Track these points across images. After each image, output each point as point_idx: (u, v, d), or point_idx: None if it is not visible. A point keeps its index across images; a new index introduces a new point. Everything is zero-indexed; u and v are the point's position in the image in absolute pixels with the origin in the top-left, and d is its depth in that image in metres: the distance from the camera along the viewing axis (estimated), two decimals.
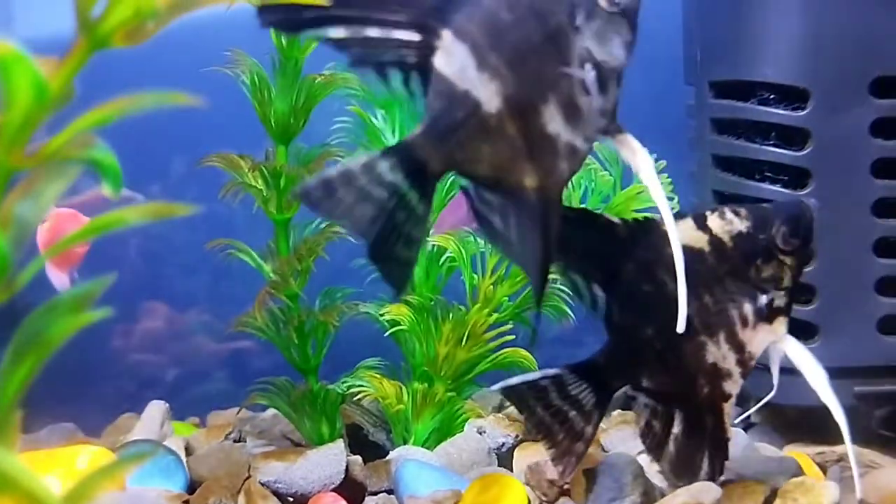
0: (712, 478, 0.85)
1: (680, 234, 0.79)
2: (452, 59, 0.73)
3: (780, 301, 0.83)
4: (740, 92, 1.04)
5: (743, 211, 0.83)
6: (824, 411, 1.03)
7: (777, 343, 0.84)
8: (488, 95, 0.72)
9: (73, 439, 1.35)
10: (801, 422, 1.06)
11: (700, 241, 0.83)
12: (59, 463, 0.87)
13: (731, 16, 1.06)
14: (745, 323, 0.83)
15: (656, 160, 1.18)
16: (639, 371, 0.85)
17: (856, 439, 1.00)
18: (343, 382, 1.16)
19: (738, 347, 0.84)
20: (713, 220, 0.84)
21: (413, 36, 0.73)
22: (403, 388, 1.15)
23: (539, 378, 0.86)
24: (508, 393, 0.87)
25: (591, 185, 1.22)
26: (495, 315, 1.14)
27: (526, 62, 0.72)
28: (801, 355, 0.84)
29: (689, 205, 1.21)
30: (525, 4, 0.73)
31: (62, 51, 0.70)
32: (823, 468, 0.97)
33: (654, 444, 0.88)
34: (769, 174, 1.01)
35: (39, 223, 0.55)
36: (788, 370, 1.02)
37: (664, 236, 0.79)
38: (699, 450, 0.86)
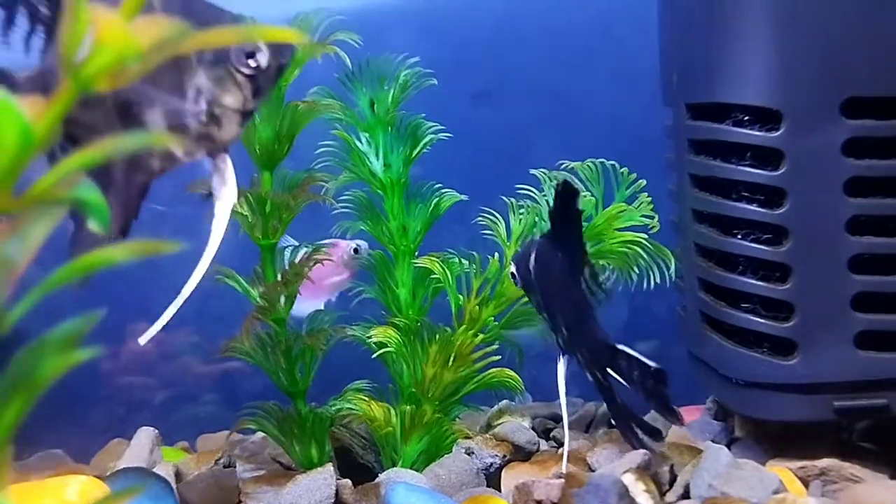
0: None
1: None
2: None
3: None
4: (716, 114, 1.06)
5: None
6: (807, 426, 1.05)
7: None
8: None
9: (62, 466, 1.35)
10: (784, 436, 1.08)
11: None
12: (49, 493, 0.87)
13: (706, 40, 1.08)
14: None
15: (636, 179, 1.22)
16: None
17: (836, 453, 1.02)
18: (332, 405, 1.17)
19: None
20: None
21: None
22: (392, 410, 1.16)
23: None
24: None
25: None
26: (481, 336, 1.15)
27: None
28: None
29: (668, 223, 1.23)
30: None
31: None
32: (806, 482, 0.98)
33: (623, 418, 0.99)
34: (746, 193, 1.03)
35: (27, 263, 0.56)
36: (769, 386, 1.05)
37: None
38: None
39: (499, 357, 1.15)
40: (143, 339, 0.85)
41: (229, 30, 0.65)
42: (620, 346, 0.94)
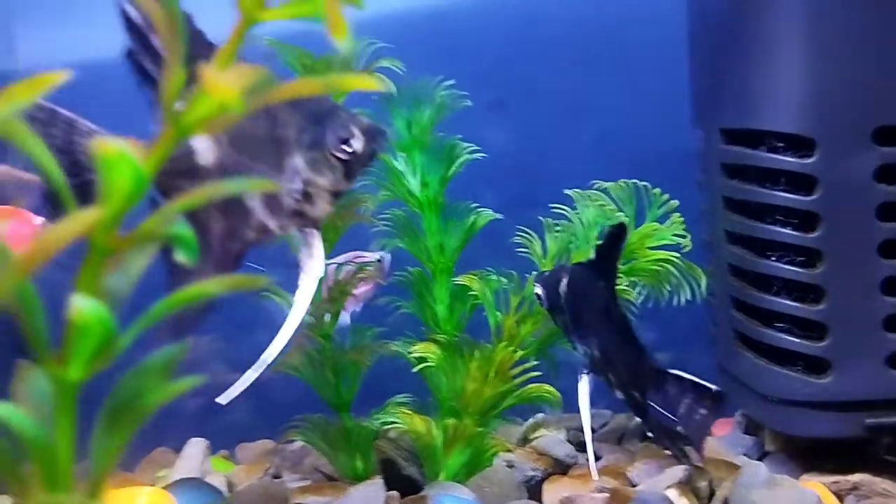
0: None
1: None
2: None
3: None
4: (751, 140, 1.10)
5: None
6: (837, 441, 1.09)
7: None
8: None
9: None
10: (814, 451, 1.11)
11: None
12: None
13: (741, 67, 1.11)
14: None
15: (669, 199, 1.26)
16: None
17: (866, 467, 1.06)
18: (376, 419, 1.21)
19: None
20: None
21: None
22: (433, 423, 1.20)
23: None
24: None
25: (607, 224, 1.27)
26: (520, 352, 1.19)
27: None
28: None
29: (700, 242, 1.26)
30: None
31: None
32: (840, 497, 1.02)
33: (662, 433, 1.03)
34: (780, 217, 1.07)
35: (129, 294, 0.60)
36: (803, 403, 1.08)
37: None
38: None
39: (539, 373, 1.18)
40: (223, 399, 0.90)
41: (314, 81, 0.69)
42: (674, 371, 0.99)
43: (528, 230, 1.26)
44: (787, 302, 1.07)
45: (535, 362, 1.20)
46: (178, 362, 0.63)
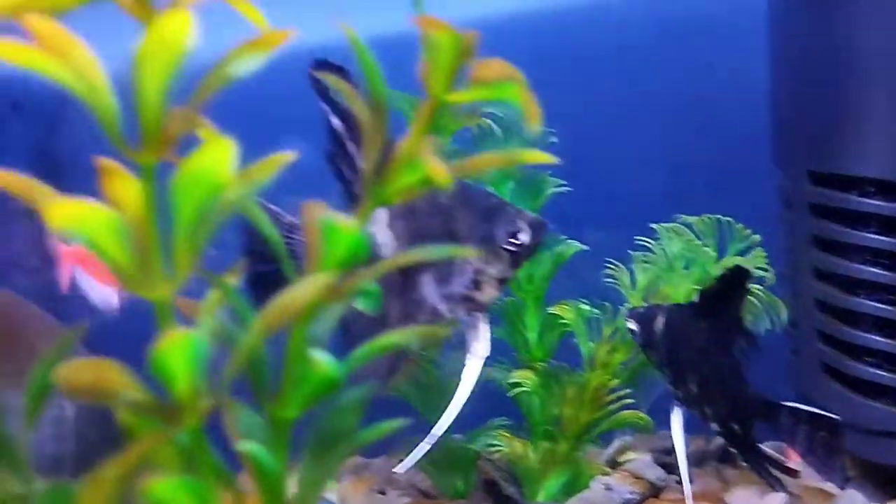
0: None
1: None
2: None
3: None
4: (839, 183, 1.16)
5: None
6: None
7: None
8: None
9: None
10: (894, 476, 1.17)
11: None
12: None
13: (829, 112, 1.18)
14: None
15: (751, 234, 1.32)
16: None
17: None
18: (478, 440, 1.28)
19: None
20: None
21: None
22: (530, 445, 1.27)
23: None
24: None
25: (693, 257, 1.34)
26: (615, 380, 1.26)
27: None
28: None
29: (778, 273, 1.32)
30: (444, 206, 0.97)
31: None
32: None
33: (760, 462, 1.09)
34: (869, 257, 1.13)
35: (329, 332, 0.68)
36: (888, 433, 1.14)
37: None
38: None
39: (632, 400, 1.25)
40: (400, 468, 0.99)
41: (494, 156, 0.77)
42: (788, 403, 1.06)
43: (617, 263, 1.33)
44: (877, 338, 1.13)
45: (628, 390, 1.27)
46: (369, 400, 0.71)
